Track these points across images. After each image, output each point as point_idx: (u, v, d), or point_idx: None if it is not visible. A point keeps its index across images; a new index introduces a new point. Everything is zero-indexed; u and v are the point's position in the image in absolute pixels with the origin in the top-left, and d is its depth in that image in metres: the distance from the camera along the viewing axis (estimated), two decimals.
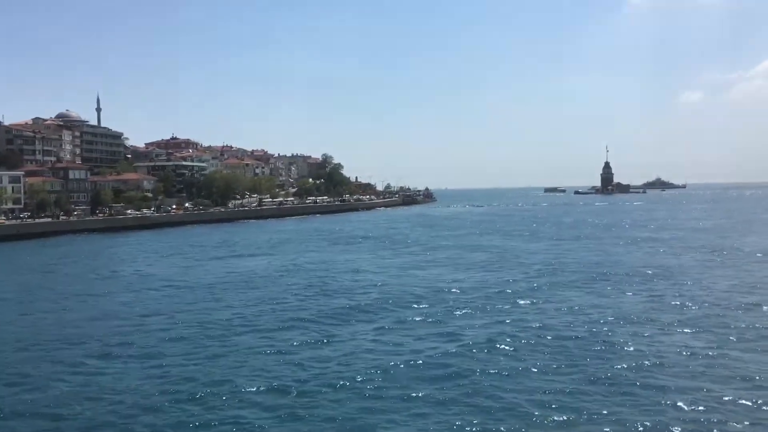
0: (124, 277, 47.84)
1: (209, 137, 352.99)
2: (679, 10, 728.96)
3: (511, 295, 34.66)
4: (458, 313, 30.32)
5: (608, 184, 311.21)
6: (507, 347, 23.65)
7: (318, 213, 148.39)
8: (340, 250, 63.77)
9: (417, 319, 29.27)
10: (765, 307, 30.00)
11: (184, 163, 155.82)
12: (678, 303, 31.67)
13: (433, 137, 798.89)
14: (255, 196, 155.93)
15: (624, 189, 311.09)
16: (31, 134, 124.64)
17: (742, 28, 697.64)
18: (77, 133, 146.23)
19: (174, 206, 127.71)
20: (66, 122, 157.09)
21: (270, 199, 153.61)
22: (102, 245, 76.65)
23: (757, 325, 26.46)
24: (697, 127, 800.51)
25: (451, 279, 41.65)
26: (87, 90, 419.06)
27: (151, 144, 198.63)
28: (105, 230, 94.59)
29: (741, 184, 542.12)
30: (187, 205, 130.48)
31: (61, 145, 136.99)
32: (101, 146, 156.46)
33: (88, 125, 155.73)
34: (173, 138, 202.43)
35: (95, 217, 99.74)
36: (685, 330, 25.95)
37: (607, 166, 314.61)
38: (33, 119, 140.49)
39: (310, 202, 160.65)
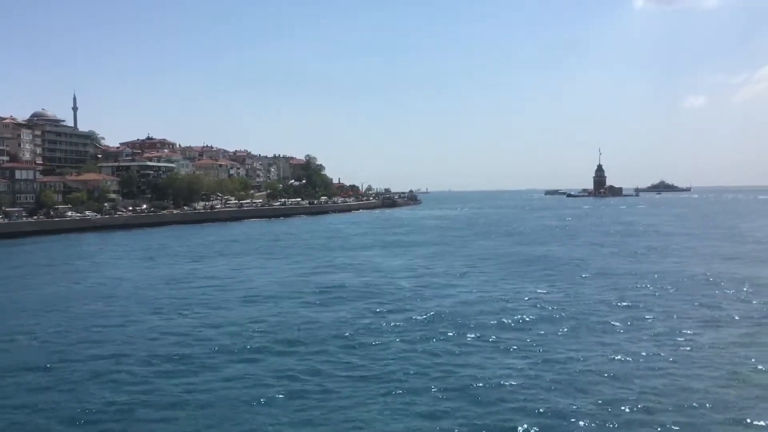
0: None
1: (193, 138, 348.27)
2: (683, 12, 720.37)
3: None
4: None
5: (601, 186, 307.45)
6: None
7: (283, 215, 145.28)
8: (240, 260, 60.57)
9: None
10: None
11: (149, 163, 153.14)
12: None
13: (434, 140, 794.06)
14: (222, 197, 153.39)
15: (617, 192, 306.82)
16: None
17: (747, 31, 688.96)
18: (38, 132, 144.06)
19: (130, 208, 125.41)
20: (38, 122, 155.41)
21: (235, 201, 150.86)
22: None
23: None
24: (702, 130, 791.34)
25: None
26: (68, 89, 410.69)
27: (126, 144, 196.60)
28: (39, 233, 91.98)
29: (747, 188, 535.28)
30: (143, 206, 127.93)
31: (19, 145, 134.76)
32: (66, 146, 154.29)
33: (53, 124, 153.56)
34: (149, 138, 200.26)
35: (29, 219, 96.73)
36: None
37: (599, 168, 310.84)
38: None
39: (278, 205, 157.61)
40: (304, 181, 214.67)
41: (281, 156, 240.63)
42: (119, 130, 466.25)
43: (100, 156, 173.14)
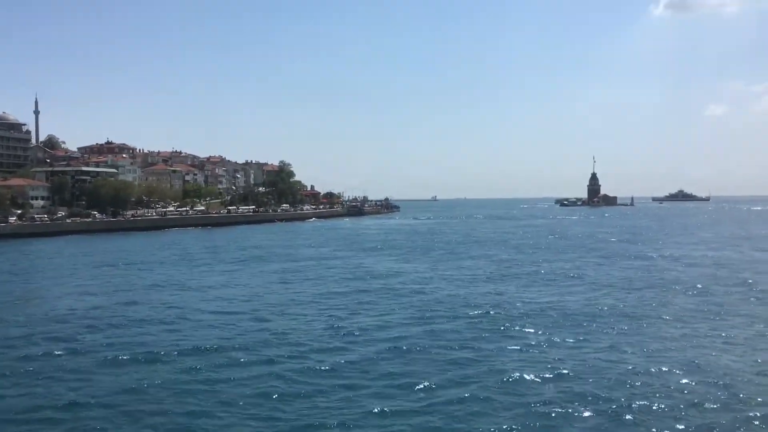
0: None
1: (169, 144, 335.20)
2: (703, 20, 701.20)
3: None
4: None
5: (594, 195, 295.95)
6: None
7: (212, 225, 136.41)
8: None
9: None
10: None
11: (85, 168, 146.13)
12: None
13: (449, 149, 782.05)
14: (155, 205, 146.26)
15: (611, 201, 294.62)
16: None
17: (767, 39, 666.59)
18: None
19: (45, 216, 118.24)
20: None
21: (171, 209, 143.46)
22: None
23: None
24: (723, 139, 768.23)
25: None
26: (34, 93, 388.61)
27: (83, 148, 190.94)
28: None
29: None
30: (60, 213, 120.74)
31: None
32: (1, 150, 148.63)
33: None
34: (108, 142, 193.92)
35: None
36: None
37: (593, 177, 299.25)
38: None
39: (215, 214, 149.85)
40: (272, 188, 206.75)
41: (253, 162, 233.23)
42: (89, 136, 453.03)
43: (48, 161, 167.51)
